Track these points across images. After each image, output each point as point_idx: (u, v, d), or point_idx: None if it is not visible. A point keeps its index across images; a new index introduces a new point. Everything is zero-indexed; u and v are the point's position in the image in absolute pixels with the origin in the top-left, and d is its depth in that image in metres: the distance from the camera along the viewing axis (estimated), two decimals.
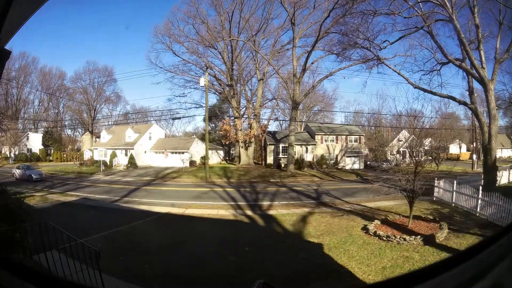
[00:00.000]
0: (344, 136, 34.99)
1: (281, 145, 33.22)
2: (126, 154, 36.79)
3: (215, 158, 41.45)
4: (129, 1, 78.35)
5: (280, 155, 32.94)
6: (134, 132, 39.20)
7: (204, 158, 26.90)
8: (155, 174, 27.81)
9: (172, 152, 37.92)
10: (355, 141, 35.09)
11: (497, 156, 17.24)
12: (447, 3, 14.41)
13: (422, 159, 11.75)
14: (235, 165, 35.60)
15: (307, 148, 33.93)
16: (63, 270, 4.62)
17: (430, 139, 27.00)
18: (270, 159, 33.12)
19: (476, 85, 16.52)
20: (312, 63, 29.78)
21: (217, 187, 20.08)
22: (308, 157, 33.33)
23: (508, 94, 24.52)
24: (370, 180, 14.31)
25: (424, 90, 17.86)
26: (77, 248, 5.14)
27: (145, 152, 38.93)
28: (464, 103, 17.83)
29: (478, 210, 10.90)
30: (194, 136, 45.01)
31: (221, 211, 12.80)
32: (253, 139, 35.23)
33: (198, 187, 20.11)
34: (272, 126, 49.05)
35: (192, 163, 35.22)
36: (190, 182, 23.21)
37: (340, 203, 14.02)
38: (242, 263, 6.91)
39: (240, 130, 35.34)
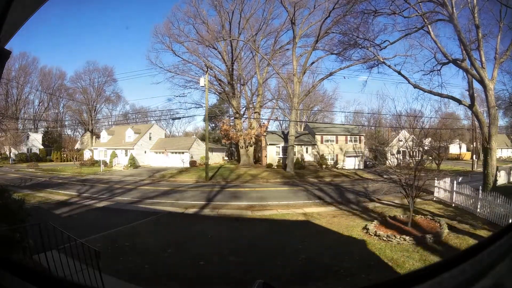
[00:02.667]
0: (344, 136, 34.99)
1: (281, 145, 33.21)
2: (126, 154, 36.80)
3: (215, 158, 41.44)
4: (129, 1, 78.38)
5: (281, 155, 32.93)
6: (134, 132, 39.21)
7: (204, 158, 26.89)
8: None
9: (172, 152, 37.93)
10: (355, 141, 35.09)
11: (497, 156, 17.23)
12: (447, 3, 14.41)
13: (422, 159, 11.76)
14: (235, 165, 35.61)
15: (307, 148, 33.93)
16: (63, 270, 4.62)
17: (430, 139, 27.02)
18: (270, 159, 33.12)
19: (476, 85, 16.53)
20: (312, 63, 29.85)
21: (217, 186, 20.10)
22: (308, 157, 33.34)
23: (508, 94, 24.52)
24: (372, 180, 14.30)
25: (424, 90, 17.86)
26: (77, 248, 5.14)
27: (145, 152, 38.94)
28: (464, 103, 17.83)
29: (478, 210, 10.91)
30: (194, 136, 45.01)
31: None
32: (253, 139, 35.22)
33: (200, 187, 20.12)
34: (272, 126, 49.08)
35: (192, 163, 35.23)
36: (191, 181, 23.23)
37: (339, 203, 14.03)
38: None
39: (240, 130, 35.34)
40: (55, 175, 27.93)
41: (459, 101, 18.15)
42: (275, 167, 31.20)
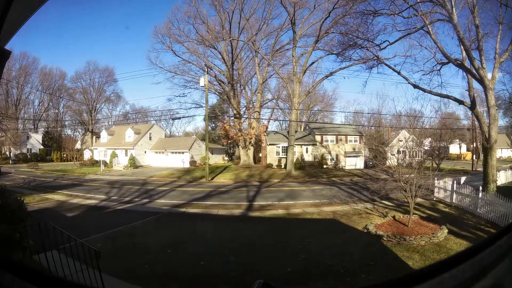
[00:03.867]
0: (344, 136, 34.98)
1: (281, 145, 33.21)
2: (126, 154, 36.80)
3: (215, 158, 41.44)
4: (129, 1, 78.37)
5: (281, 155, 32.92)
6: (134, 132, 39.20)
7: (204, 158, 26.88)
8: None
9: (172, 152, 37.93)
10: (355, 141, 35.08)
11: (497, 156, 17.23)
12: (447, 3, 14.40)
13: (422, 159, 11.76)
14: (235, 165, 35.61)
15: (307, 148, 33.93)
16: (63, 270, 4.62)
17: (429, 139, 27.01)
18: (270, 159, 33.11)
19: (476, 85, 16.51)
20: (312, 63, 29.84)
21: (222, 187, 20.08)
22: (308, 157, 33.33)
23: (508, 94, 24.56)
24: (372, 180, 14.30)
25: (424, 90, 17.85)
26: (77, 248, 5.14)
27: (145, 152, 38.93)
28: (464, 103, 17.82)
29: (478, 210, 10.91)
30: (194, 136, 45.00)
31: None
32: (253, 139, 35.23)
33: (198, 187, 20.11)
34: (272, 126, 49.11)
35: (192, 163, 35.23)
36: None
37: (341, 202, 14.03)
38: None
39: (240, 130, 35.34)
40: (58, 176, 27.85)
41: (459, 101, 18.14)
42: (275, 167, 31.20)
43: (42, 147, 48.02)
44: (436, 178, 13.78)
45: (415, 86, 18.03)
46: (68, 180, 24.36)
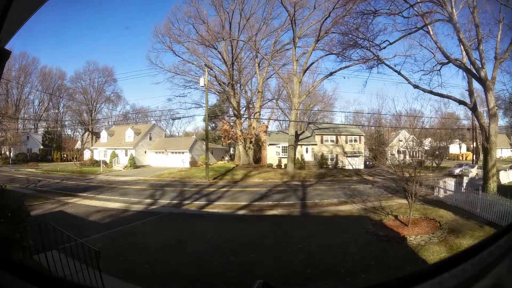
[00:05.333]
0: (344, 136, 34.99)
1: (281, 145, 33.20)
2: (126, 154, 36.78)
3: (215, 158, 41.44)
4: (129, 1, 78.30)
5: (281, 155, 32.92)
6: (134, 132, 39.18)
7: (205, 158, 26.88)
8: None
9: (173, 152, 37.92)
10: (355, 141, 35.08)
11: (497, 156, 17.23)
12: (447, 3, 14.40)
13: (422, 159, 11.77)
14: (235, 165, 35.58)
15: (307, 148, 33.92)
16: (63, 270, 4.62)
17: (430, 139, 27.00)
18: (270, 159, 33.11)
19: (476, 85, 16.51)
20: (312, 63, 29.80)
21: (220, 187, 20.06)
22: (308, 157, 33.33)
23: (508, 94, 24.55)
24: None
25: (424, 90, 17.84)
26: (77, 248, 5.14)
27: (145, 152, 38.92)
28: (464, 103, 17.81)
29: (478, 210, 10.90)
30: (194, 136, 45.00)
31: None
32: (253, 139, 35.22)
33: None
34: (272, 126, 49.05)
35: (192, 163, 35.22)
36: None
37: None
38: None
39: (240, 130, 35.34)
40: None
41: (459, 101, 18.13)
42: (276, 167, 31.19)
43: (42, 147, 47.99)
44: (436, 178, 13.80)
45: (415, 86, 18.03)
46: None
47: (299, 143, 32.70)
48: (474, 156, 31.10)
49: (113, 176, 27.24)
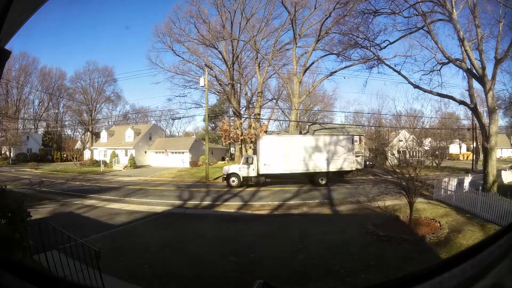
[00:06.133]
0: None
1: None
2: (126, 154, 36.79)
3: (215, 158, 41.45)
4: (129, 1, 78.32)
5: None
6: (134, 132, 39.20)
7: (205, 158, 26.88)
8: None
9: (173, 152, 37.92)
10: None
11: (497, 156, 17.23)
12: (447, 2, 14.40)
13: (422, 159, 11.76)
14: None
15: None
16: (63, 270, 4.62)
17: (430, 139, 27.01)
18: None
19: (476, 85, 16.51)
20: (313, 63, 29.84)
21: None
22: None
23: (508, 94, 24.52)
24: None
25: (424, 90, 17.83)
26: (77, 248, 5.14)
27: (145, 152, 38.93)
28: (464, 103, 17.81)
29: (478, 210, 10.89)
30: (194, 136, 45.00)
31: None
32: (253, 139, 35.18)
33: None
34: (272, 126, 49.02)
35: (192, 163, 35.22)
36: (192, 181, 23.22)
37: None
38: None
39: (240, 130, 35.31)
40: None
41: (459, 101, 18.13)
42: None
43: (42, 147, 47.99)
44: (436, 178, 13.78)
45: (415, 86, 18.03)
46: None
47: None
48: (474, 156, 31.07)
49: (112, 176, 27.23)
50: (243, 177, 19.59)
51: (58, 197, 16.11)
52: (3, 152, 43.69)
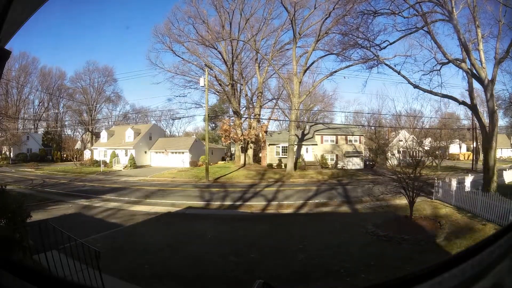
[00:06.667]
0: (344, 136, 34.98)
1: (281, 145, 33.21)
2: (126, 154, 36.79)
3: (215, 158, 41.44)
4: (129, 1, 78.33)
5: (281, 155, 32.92)
6: (134, 132, 39.19)
7: (205, 158, 26.88)
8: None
9: (173, 152, 37.92)
10: (355, 141, 35.07)
11: (497, 156, 17.23)
12: (447, 2, 14.41)
13: (422, 159, 11.76)
14: (235, 165, 35.58)
15: (307, 148, 33.92)
16: (63, 270, 4.62)
17: (429, 139, 27.00)
18: (270, 159, 33.11)
19: (476, 85, 16.52)
20: (312, 63, 29.81)
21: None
22: (308, 157, 33.32)
23: (508, 94, 24.54)
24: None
25: (424, 90, 17.85)
26: (77, 248, 5.14)
27: (145, 152, 38.93)
28: (464, 103, 17.82)
29: (479, 210, 10.89)
30: (194, 136, 45.00)
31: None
32: (253, 139, 35.21)
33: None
34: (272, 126, 49.05)
35: (192, 163, 35.24)
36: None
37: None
38: None
39: (240, 130, 35.32)
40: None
41: (459, 101, 18.14)
42: (275, 167, 31.19)
43: (42, 147, 47.98)
44: (436, 178, 13.78)
45: (415, 86, 18.04)
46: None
47: (299, 143, 32.71)
48: (474, 156, 31.07)
49: (118, 177, 27.24)
50: None
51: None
52: (3, 152, 43.68)
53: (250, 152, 35.83)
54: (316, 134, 34.76)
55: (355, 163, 33.71)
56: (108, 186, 20.69)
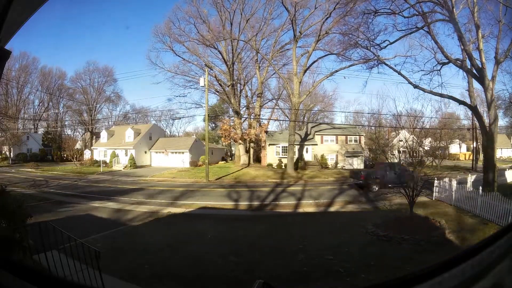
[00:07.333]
0: (344, 136, 34.97)
1: (281, 145, 33.20)
2: (126, 154, 36.80)
3: (215, 158, 41.43)
4: (129, 1, 78.33)
5: (281, 155, 32.92)
6: (134, 132, 39.19)
7: (205, 158, 26.87)
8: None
9: (173, 152, 37.91)
10: (355, 141, 35.07)
11: (497, 156, 17.24)
12: (447, 2, 14.41)
13: (422, 159, 11.76)
14: (235, 165, 35.58)
15: (307, 148, 33.92)
16: (63, 270, 4.62)
17: (430, 139, 26.96)
18: (270, 159, 33.11)
19: (476, 85, 16.52)
20: (313, 63, 29.81)
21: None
22: (308, 157, 33.32)
23: (508, 94, 24.53)
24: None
25: (424, 90, 17.84)
26: (77, 248, 5.14)
27: (145, 152, 38.93)
28: (464, 103, 17.81)
29: (479, 210, 10.89)
30: (194, 136, 45.00)
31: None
32: (253, 139, 35.20)
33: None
34: (272, 126, 49.01)
35: (192, 163, 35.24)
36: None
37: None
38: None
39: (240, 130, 35.32)
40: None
41: (459, 101, 18.13)
42: (275, 167, 31.19)
43: (42, 147, 47.97)
44: (436, 178, 13.78)
45: (415, 86, 18.04)
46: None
47: (299, 143, 32.71)
48: (474, 156, 31.07)
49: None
50: None
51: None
52: (3, 152, 43.67)
53: (250, 152, 35.83)
54: (316, 134, 34.75)
55: (355, 163, 33.71)
56: (114, 187, 20.71)
